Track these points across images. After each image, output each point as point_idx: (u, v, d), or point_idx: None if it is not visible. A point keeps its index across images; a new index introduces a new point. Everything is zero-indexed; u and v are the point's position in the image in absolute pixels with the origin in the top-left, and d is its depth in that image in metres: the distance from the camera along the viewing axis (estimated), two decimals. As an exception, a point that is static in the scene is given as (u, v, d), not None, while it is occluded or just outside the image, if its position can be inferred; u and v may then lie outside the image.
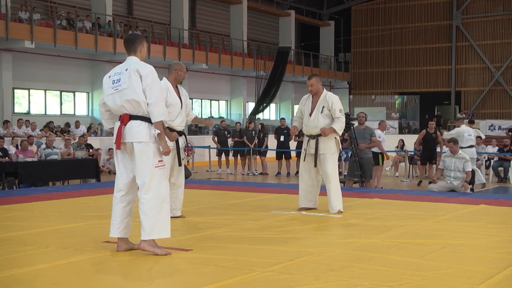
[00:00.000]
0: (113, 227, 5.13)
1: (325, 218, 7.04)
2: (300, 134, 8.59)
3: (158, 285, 4.13)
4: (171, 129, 6.34)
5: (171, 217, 6.17)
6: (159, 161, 4.99)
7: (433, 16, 34.33)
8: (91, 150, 16.44)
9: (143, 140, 4.94)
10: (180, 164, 6.72)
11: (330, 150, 7.37)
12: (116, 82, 5.00)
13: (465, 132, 13.55)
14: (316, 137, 7.38)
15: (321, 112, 7.35)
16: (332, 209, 7.34)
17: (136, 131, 4.95)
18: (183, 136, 6.85)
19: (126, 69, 4.99)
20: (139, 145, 4.94)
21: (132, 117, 4.97)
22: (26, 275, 4.34)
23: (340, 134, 7.48)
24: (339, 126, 7.34)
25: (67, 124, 19.69)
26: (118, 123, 5.05)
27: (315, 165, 7.39)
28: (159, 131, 4.96)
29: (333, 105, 7.34)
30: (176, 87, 6.77)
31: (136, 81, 4.92)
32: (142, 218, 4.96)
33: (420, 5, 34.61)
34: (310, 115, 7.44)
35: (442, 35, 34.22)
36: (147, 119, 4.97)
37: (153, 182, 4.94)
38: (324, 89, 7.53)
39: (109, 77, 5.12)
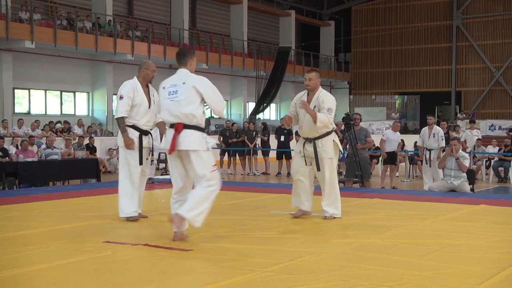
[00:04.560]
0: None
1: (325, 218, 7.02)
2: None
3: (158, 285, 4.13)
4: (136, 128, 6.75)
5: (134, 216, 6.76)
6: (212, 166, 5.52)
7: (434, 16, 34.33)
8: (95, 154, 16.46)
9: (197, 148, 5.40)
10: (140, 163, 6.79)
11: (328, 154, 6.85)
12: (173, 94, 5.48)
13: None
14: (312, 140, 6.85)
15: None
16: (325, 213, 6.94)
17: (190, 139, 5.41)
18: (149, 136, 6.94)
19: (184, 83, 5.48)
20: (194, 153, 5.41)
21: (186, 126, 5.42)
22: (26, 275, 4.34)
23: (319, 123, 6.66)
24: (323, 117, 6.66)
25: (66, 122, 19.72)
26: (170, 131, 5.50)
27: (318, 169, 6.83)
28: (214, 142, 5.53)
29: (323, 103, 6.76)
30: (147, 86, 6.90)
31: (194, 96, 5.43)
32: (190, 199, 5.40)
33: (421, 5, 34.61)
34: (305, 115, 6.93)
35: (443, 35, 34.22)
36: (200, 129, 5.47)
37: (212, 181, 5.44)
38: (320, 88, 6.97)
39: (164, 88, 5.63)
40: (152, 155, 7.07)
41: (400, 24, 34.98)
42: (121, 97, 6.67)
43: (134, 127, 6.77)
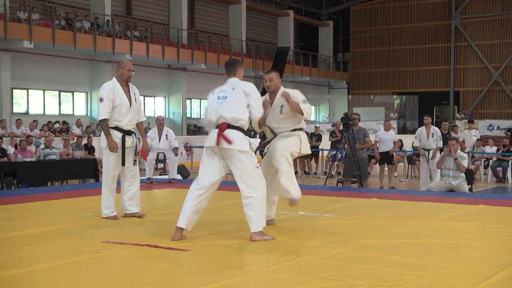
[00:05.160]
0: (184, 219, 5.59)
1: (324, 218, 7.04)
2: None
3: (157, 285, 4.13)
4: (119, 129, 6.80)
5: (126, 214, 7.01)
6: (258, 162, 5.70)
7: (432, 16, 34.36)
8: (94, 154, 16.43)
9: (241, 149, 5.54)
10: (123, 164, 6.87)
11: (283, 144, 6.18)
12: (222, 99, 5.64)
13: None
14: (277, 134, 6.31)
15: (281, 112, 6.25)
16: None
17: (234, 138, 5.52)
18: (132, 135, 6.99)
19: (233, 89, 5.65)
20: (237, 153, 5.55)
21: (230, 126, 5.55)
22: (25, 275, 4.34)
23: (305, 114, 6.20)
24: (305, 106, 6.22)
25: (64, 122, 19.70)
26: (214, 130, 5.61)
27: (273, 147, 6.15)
28: (258, 142, 5.73)
29: (294, 98, 6.24)
30: (127, 85, 6.93)
31: (242, 99, 5.61)
32: (251, 214, 5.59)
33: (419, 5, 34.64)
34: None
35: (441, 35, 34.25)
36: (243, 130, 5.61)
37: (257, 182, 5.60)
38: (282, 87, 6.41)
39: (213, 93, 5.76)
40: (136, 154, 7.07)
41: (398, 24, 35.01)
42: (101, 100, 6.76)
43: (116, 128, 6.83)
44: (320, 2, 36.73)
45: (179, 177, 12.30)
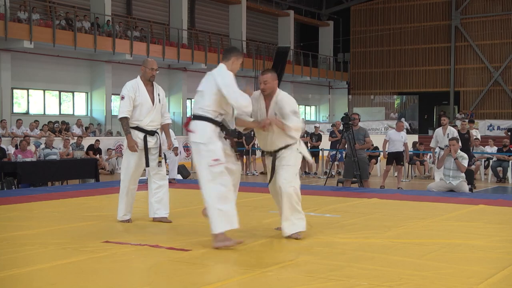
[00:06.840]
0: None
1: (323, 218, 7.04)
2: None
3: (157, 285, 4.13)
4: (141, 129, 6.58)
5: (154, 218, 6.68)
6: (213, 160, 5.21)
7: (432, 16, 34.35)
8: (98, 156, 16.44)
9: (196, 140, 5.28)
10: (147, 165, 6.62)
11: (287, 162, 5.72)
12: (199, 87, 5.47)
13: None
14: (273, 153, 5.80)
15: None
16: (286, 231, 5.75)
17: (194, 129, 5.30)
18: (156, 136, 6.70)
19: (211, 74, 5.46)
20: (193, 144, 5.33)
21: (194, 117, 5.35)
22: (25, 275, 4.34)
23: (293, 132, 5.64)
24: (292, 122, 5.61)
25: (63, 122, 19.72)
26: None
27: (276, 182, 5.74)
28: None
29: (282, 109, 5.67)
30: (151, 85, 6.77)
31: (211, 87, 5.32)
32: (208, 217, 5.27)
33: (419, 5, 34.63)
34: None
35: (441, 35, 34.24)
36: (207, 119, 5.27)
37: (205, 180, 5.21)
38: (278, 90, 5.86)
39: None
40: (161, 155, 6.76)
41: (399, 24, 35.00)
42: (122, 98, 6.56)
43: (138, 128, 6.60)
44: (320, 2, 36.72)
45: (179, 177, 12.31)
